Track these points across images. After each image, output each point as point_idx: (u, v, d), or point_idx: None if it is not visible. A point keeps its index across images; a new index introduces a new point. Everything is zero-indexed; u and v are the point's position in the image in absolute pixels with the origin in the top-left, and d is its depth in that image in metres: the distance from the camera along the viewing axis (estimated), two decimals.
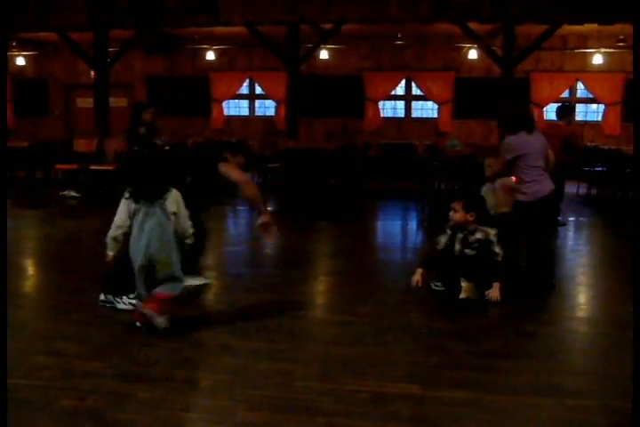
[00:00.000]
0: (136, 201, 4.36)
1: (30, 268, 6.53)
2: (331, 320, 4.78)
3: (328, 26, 12.96)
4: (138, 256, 4.32)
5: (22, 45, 16.65)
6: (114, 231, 4.40)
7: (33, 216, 9.63)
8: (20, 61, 17.05)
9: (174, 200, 4.40)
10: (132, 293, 4.63)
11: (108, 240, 4.41)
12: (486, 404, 3.33)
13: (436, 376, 3.68)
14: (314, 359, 3.95)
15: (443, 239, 5.35)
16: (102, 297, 4.90)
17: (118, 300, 4.84)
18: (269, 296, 5.31)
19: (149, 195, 4.36)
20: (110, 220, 4.44)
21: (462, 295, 5.08)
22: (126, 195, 4.39)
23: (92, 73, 14.45)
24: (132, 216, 4.36)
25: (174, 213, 4.39)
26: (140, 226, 4.33)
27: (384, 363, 3.88)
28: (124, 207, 4.39)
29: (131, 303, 4.73)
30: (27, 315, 4.92)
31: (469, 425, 3.12)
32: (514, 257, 5.48)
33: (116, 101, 15.98)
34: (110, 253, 4.43)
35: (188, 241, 4.50)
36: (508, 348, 4.18)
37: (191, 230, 4.51)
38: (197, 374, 3.68)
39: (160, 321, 4.27)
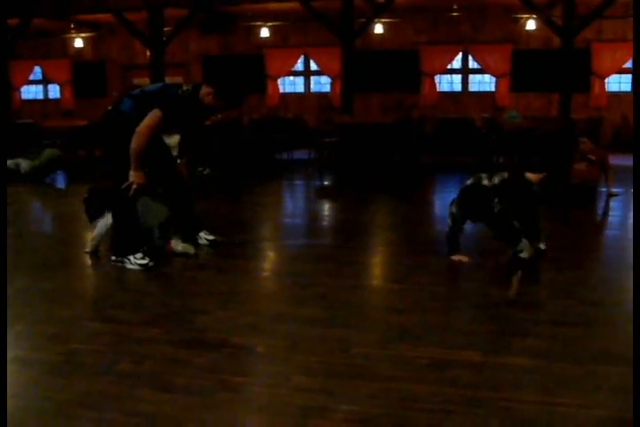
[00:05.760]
0: None
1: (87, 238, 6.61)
2: (388, 289, 4.71)
3: None
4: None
5: (80, 28, 16.88)
6: None
7: None
8: (79, 43, 17.28)
9: None
10: (139, 252, 5.13)
11: None
12: (549, 372, 3.22)
13: (497, 344, 3.58)
14: (371, 327, 3.89)
15: None
16: (113, 257, 5.24)
17: (126, 260, 5.13)
18: (326, 266, 5.25)
19: None
20: None
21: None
22: None
23: (148, 53, 14.54)
24: None
25: None
26: None
27: (443, 330, 3.79)
28: None
29: (137, 263, 5.07)
30: (82, 284, 5.01)
31: (531, 392, 3.01)
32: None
33: (172, 81, 16.10)
34: None
35: None
36: (572, 316, 4.03)
37: None
38: (253, 340, 3.64)
39: None
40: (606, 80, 15.18)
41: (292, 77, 17.09)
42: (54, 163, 10.88)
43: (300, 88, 17.05)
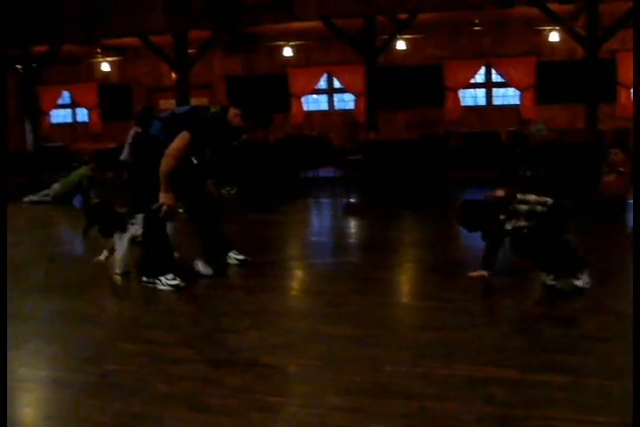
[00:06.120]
0: None
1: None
2: (418, 306, 4.69)
3: (403, 16, 12.80)
4: None
5: (106, 52, 17.13)
6: None
7: None
8: (105, 67, 17.53)
9: None
10: (170, 273, 5.10)
11: None
12: (586, 388, 3.18)
13: (531, 360, 3.54)
14: (404, 344, 3.88)
15: None
16: (144, 279, 5.23)
17: (157, 281, 5.13)
18: (355, 284, 5.25)
19: None
20: None
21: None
22: None
23: (174, 75, 14.72)
24: None
25: None
26: None
27: (476, 347, 3.77)
28: None
29: (168, 284, 5.06)
30: (115, 305, 5.06)
31: (568, 410, 2.96)
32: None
33: (198, 102, 16.25)
34: None
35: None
36: (607, 331, 3.99)
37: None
38: (284, 359, 3.65)
39: None
40: (632, 90, 15.07)
41: (315, 95, 17.17)
42: (83, 181, 10.96)
43: (324, 106, 17.11)
